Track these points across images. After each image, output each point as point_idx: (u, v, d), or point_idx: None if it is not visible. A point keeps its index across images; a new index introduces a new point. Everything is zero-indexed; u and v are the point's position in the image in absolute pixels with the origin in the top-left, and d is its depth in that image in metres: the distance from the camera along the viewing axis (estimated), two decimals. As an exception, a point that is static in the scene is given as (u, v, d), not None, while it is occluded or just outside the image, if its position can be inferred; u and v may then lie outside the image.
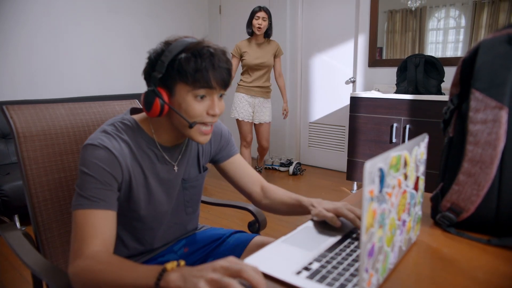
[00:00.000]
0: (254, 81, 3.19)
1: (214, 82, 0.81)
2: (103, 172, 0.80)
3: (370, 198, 0.48)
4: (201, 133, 0.87)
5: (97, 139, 0.82)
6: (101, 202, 0.79)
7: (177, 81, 0.81)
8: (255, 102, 3.25)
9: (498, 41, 0.65)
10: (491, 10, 2.95)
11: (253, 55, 3.14)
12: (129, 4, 3.89)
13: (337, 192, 3.34)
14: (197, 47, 0.81)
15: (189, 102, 0.81)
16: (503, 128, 0.64)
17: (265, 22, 3.06)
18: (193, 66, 0.78)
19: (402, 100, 2.83)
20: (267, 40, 3.21)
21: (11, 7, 3.04)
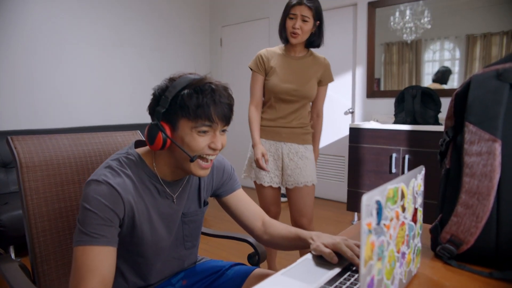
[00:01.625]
0: (280, 118, 1.90)
1: (215, 117, 0.83)
2: (104, 208, 0.80)
3: (368, 231, 0.48)
4: (200, 167, 0.88)
5: (101, 175, 0.84)
6: (102, 238, 0.79)
7: (179, 117, 0.83)
8: (284, 151, 1.91)
9: (487, 76, 0.67)
10: (484, 44, 3.04)
11: (283, 76, 1.86)
12: (133, 38, 4.00)
13: (338, 223, 3.31)
14: (199, 83, 0.83)
15: (192, 136, 0.84)
16: (497, 160, 0.65)
17: (307, 23, 1.78)
18: (195, 101, 0.81)
19: (400, 130, 2.86)
20: (311, 54, 1.93)
21: (17, 37, 3.13)
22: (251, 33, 4.52)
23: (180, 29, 4.52)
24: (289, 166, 1.91)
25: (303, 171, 1.90)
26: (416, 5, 3.31)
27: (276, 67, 1.87)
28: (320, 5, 1.82)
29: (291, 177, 1.90)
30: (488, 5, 3.00)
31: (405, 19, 3.39)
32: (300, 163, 1.91)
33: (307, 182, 1.91)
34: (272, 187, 1.93)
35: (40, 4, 3.24)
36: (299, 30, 1.79)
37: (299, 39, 1.82)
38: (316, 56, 1.94)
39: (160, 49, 4.28)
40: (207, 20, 4.91)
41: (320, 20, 1.84)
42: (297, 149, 1.92)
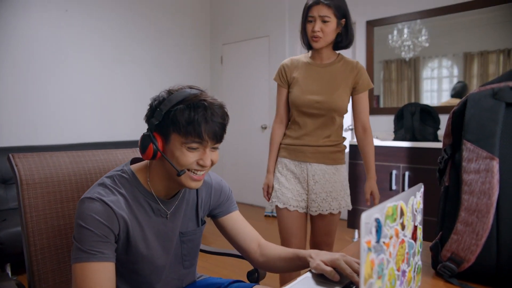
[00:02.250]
0: (304, 135, 1.66)
1: (205, 135, 0.83)
2: (99, 225, 0.81)
3: (367, 249, 0.48)
4: (191, 179, 0.88)
5: (94, 192, 0.84)
6: (99, 254, 0.80)
7: (171, 131, 0.84)
8: (309, 172, 1.66)
9: (483, 95, 0.68)
10: (481, 61, 3.08)
11: (305, 86, 1.64)
12: (135, 54, 4.06)
13: (338, 240, 3.28)
14: (194, 99, 0.84)
15: (181, 151, 0.84)
16: (495, 177, 0.65)
17: (328, 24, 1.57)
18: (186, 118, 0.81)
19: (400, 147, 2.86)
20: (341, 59, 1.70)
21: (19, 53, 3.17)
22: (251, 51, 4.58)
23: (181, 47, 4.58)
24: (314, 190, 1.65)
25: (329, 197, 1.65)
26: (414, 24, 3.37)
27: (299, 77, 1.66)
28: (342, 2, 1.61)
29: (315, 202, 1.65)
30: (484, 24, 3.05)
31: (403, 37, 3.44)
32: (327, 187, 1.65)
33: (333, 209, 1.65)
34: (298, 212, 1.66)
35: (42, 20, 3.30)
36: (319, 33, 1.57)
37: (322, 43, 1.60)
38: (346, 61, 1.69)
39: (161, 66, 4.33)
40: (208, 38, 4.99)
41: (346, 17, 1.62)
42: (324, 171, 1.65)
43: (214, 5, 4.93)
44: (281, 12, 4.26)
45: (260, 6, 4.43)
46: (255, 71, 4.53)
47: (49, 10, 3.33)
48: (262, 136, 4.47)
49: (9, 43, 3.10)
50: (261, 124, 4.50)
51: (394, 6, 3.44)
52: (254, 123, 4.54)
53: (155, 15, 4.25)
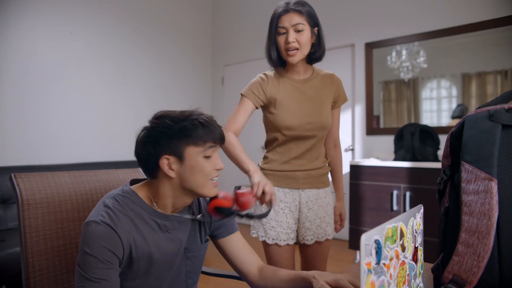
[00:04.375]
0: (294, 159, 1.50)
1: (217, 140, 0.93)
2: (104, 251, 0.82)
3: (367, 270, 0.48)
4: (213, 186, 0.95)
5: (99, 215, 0.85)
6: (104, 282, 0.81)
7: (184, 146, 0.89)
8: (302, 199, 1.51)
9: (480, 117, 0.69)
10: (479, 82, 3.12)
11: (292, 107, 1.46)
12: (136, 75, 4.11)
13: (339, 261, 3.24)
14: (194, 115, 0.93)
15: (201, 162, 0.91)
16: (494, 198, 0.65)
17: (302, 33, 1.39)
18: (199, 129, 0.90)
19: (400, 167, 2.86)
20: (318, 72, 1.55)
21: (21, 73, 3.21)
22: (251, 72, 4.59)
23: (182, 68, 4.65)
24: (308, 218, 1.50)
25: (323, 222, 1.52)
26: (412, 46, 3.43)
27: (282, 98, 1.45)
28: (312, 8, 1.44)
29: (310, 231, 1.51)
30: (481, 46, 3.11)
31: (401, 59, 3.49)
32: (320, 212, 1.51)
33: (329, 235, 1.53)
34: (288, 245, 1.49)
35: (47, 42, 3.36)
36: (295, 44, 1.37)
37: (299, 56, 1.40)
38: (323, 74, 1.54)
39: (163, 87, 4.38)
40: (209, 59, 5.07)
41: (318, 25, 1.44)
42: (317, 195, 1.52)
43: (215, 27, 5.03)
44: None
45: (260, 29, 4.51)
46: (256, 91, 4.57)
47: (54, 32, 3.40)
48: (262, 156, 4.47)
49: (13, 63, 3.15)
50: (261, 145, 4.51)
51: (392, 28, 3.51)
52: (254, 144, 4.56)
53: (157, 37, 4.33)
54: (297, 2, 1.39)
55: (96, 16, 3.73)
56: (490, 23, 2.98)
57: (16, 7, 3.15)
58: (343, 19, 3.83)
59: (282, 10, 1.39)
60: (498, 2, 2.98)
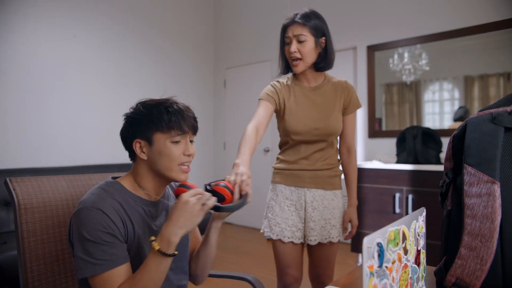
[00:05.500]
0: (302, 159, 1.56)
1: (185, 127, 0.97)
2: (102, 234, 0.85)
3: (370, 274, 0.48)
4: (182, 172, 0.98)
5: (89, 202, 0.88)
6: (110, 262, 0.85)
7: (153, 131, 0.95)
8: (307, 198, 1.56)
9: (482, 119, 0.69)
10: (481, 84, 3.11)
11: (300, 113, 1.54)
12: (138, 78, 4.12)
13: (342, 265, 3.23)
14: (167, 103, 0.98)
15: (167, 146, 0.95)
16: (497, 201, 0.65)
17: (305, 44, 1.45)
18: (166, 116, 0.95)
19: (403, 170, 2.86)
20: (329, 79, 1.60)
21: (21, 75, 3.23)
22: (253, 75, 4.65)
23: (185, 71, 4.66)
24: (312, 218, 1.54)
25: (328, 224, 1.54)
26: (414, 48, 3.42)
27: (292, 105, 1.54)
28: (322, 22, 1.49)
29: (314, 231, 1.54)
30: (483, 49, 3.10)
31: (403, 61, 3.49)
32: (326, 214, 1.54)
33: (333, 238, 1.55)
34: (293, 243, 1.55)
35: (47, 44, 3.37)
36: (297, 54, 1.46)
37: (302, 66, 1.49)
38: (335, 81, 1.58)
39: (165, 89, 4.37)
40: (211, 62, 5.08)
41: (326, 36, 1.49)
42: (323, 196, 1.55)
43: (217, 30, 5.05)
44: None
45: (262, 32, 4.53)
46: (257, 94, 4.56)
47: (57, 35, 3.42)
48: (264, 159, 4.48)
49: (16, 66, 3.17)
50: (263, 147, 4.52)
51: (394, 31, 3.51)
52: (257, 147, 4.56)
53: (159, 40, 4.34)
54: (304, 15, 1.47)
55: (99, 19, 3.75)
56: (492, 26, 2.97)
57: (19, 11, 3.16)
58: (345, 22, 3.84)
59: (289, 21, 1.49)
60: (500, 4, 2.98)
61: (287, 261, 1.56)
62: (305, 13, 1.47)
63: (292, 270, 1.57)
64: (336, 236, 1.56)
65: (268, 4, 4.50)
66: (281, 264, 1.58)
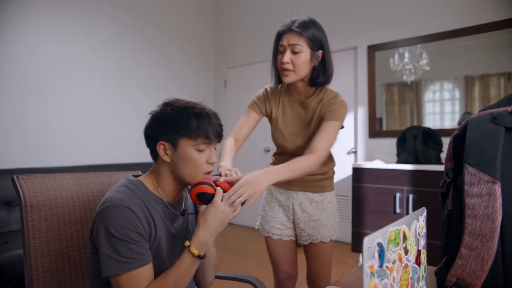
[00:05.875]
0: None
1: (212, 136, 0.96)
2: (130, 233, 0.85)
3: (370, 274, 0.48)
4: None
5: (117, 200, 0.88)
6: (139, 258, 0.85)
7: (180, 136, 0.94)
8: (294, 200, 1.57)
9: (483, 119, 0.69)
10: (482, 84, 3.11)
11: (284, 127, 1.51)
12: (139, 78, 4.12)
13: (343, 264, 3.22)
14: (196, 108, 0.97)
15: (192, 154, 0.94)
16: (498, 201, 0.65)
17: (299, 55, 1.35)
18: (194, 123, 0.93)
19: (403, 170, 2.85)
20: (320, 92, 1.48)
21: (23, 75, 3.23)
22: (254, 75, 4.65)
23: (185, 71, 4.66)
24: (301, 219, 1.55)
25: (319, 224, 1.53)
26: (414, 48, 3.42)
27: (278, 117, 1.51)
28: (319, 31, 1.38)
29: (304, 232, 1.55)
30: (483, 48, 3.10)
31: (404, 61, 3.49)
32: (315, 215, 1.54)
33: (324, 238, 1.53)
34: (282, 240, 1.58)
35: (48, 44, 3.37)
36: (289, 65, 1.35)
37: (293, 77, 1.38)
38: (325, 94, 1.46)
39: (165, 89, 4.39)
40: (212, 62, 5.08)
41: (323, 49, 1.39)
42: (311, 198, 1.55)
43: (218, 30, 5.05)
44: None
45: (263, 32, 4.53)
46: (258, 94, 4.58)
47: (58, 35, 3.42)
48: (265, 159, 4.48)
49: (16, 66, 3.17)
50: (264, 147, 4.52)
51: (394, 31, 3.51)
52: (256, 146, 4.55)
53: (160, 40, 4.35)
54: (302, 23, 1.35)
55: (99, 19, 3.75)
56: (492, 26, 2.97)
57: (20, 11, 3.17)
58: (345, 22, 3.83)
59: (285, 28, 1.37)
60: (501, 4, 2.98)
61: (278, 258, 1.61)
62: (304, 21, 1.36)
63: (284, 266, 1.60)
64: (327, 236, 1.55)
65: (268, 4, 4.50)
66: (274, 260, 1.63)
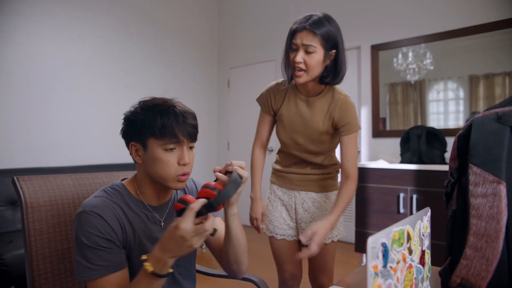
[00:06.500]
0: (294, 164, 1.56)
1: (180, 135, 0.89)
2: (99, 240, 0.84)
3: (374, 274, 0.48)
4: (178, 180, 0.92)
5: (89, 206, 0.87)
6: (106, 267, 0.83)
7: (147, 137, 0.89)
8: (297, 200, 1.56)
9: (488, 119, 0.68)
10: (487, 84, 3.09)
11: (287, 124, 1.50)
12: (143, 79, 4.14)
13: (346, 264, 3.22)
14: (163, 106, 0.90)
15: (161, 154, 0.89)
16: (503, 202, 0.64)
17: (312, 55, 1.32)
18: (159, 122, 0.87)
19: (407, 170, 2.84)
20: (327, 91, 1.46)
21: (28, 76, 3.24)
22: (257, 75, 4.65)
23: (189, 71, 4.67)
24: (303, 219, 1.54)
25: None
26: (418, 48, 3.41)
27: (282, 113, 1.49)
28: (335, 29, 1.36)
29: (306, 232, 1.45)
30: (488, 48, 3.08)
31: (408, 61, 3.47)
32: (317, 215, 1.51)
33: (325, 239, 1.47)
34: (286, 240, 1.56)
35: (52, 45, 3.39)
36: (302, 65, 1.32)
37: (305, 78, 1.34)
38: (333, 95, 1.44)
39: (169, 90, 4.39)
40: (215, 62, 5.08)
41: (337, 49, 1.36)
42: (314, 199, 1.53)
43: (221, 30, 5.05)
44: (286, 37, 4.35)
45: (266, 31, 4.53)
46: (262, 94, 4.59)
47: (62, 36, 3.43)
48: (268, 158, 4.47)
49: (20, 66, 3.18)
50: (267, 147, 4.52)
51: (398, 30, 3.49)
52: (260, 146, 4.56)
53: (163, 40, 4.35)
54: (316, 21, 1.31)
55: (103, 20, 3.76)
56: (497, 25, 2.95)
57: (23, 11, 3.18)
58: (349, 22, 3.82)
59: (298, 26, 1.33)
60: (506, 3, 2.96)
61: (282, 258, 1.59)
62: (318, 19, 1.32)
63: (288, 266, 1.59)
64: (329, 238, 1.52)
65: (271, 3, 4.49)
66: (278, 261, 1.61)
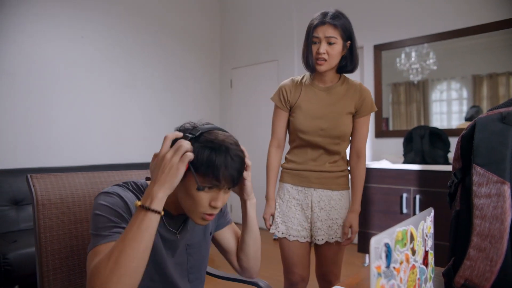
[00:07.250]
0: (310, 160, 1.59)
1: (223, 179, 0.81)
2: (113, 212, 0.83)
3: (377, 274, 0.48)
4: (202, 218, 0.87)
5: (110, 189, 0.88)
6: (117, 235, 0.81)
7: (189, 167, 0.81)
8: (313, 198, 1.58)
9: (491, 119, 0.68)
10: (490, 84, 3.08)
11: (309, 111, 1.57)
12: (146, 79, 4.15)
13: (349, 265, 3.21)
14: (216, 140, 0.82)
15: (194, 191, 0.82)
16: (507, 202, 0.64)
17: (334, 46, 1.48)
18: (206, 159, 0.80)
19: (410, 170, 2.84)
20: (344, 80, 1.62)
21: (34, 77, 3.26)
22: (260, 75, 4.65)
23: (191, 71, 4.67)
24: (319, 217, 1.56)
25: (335, 224, 1.55)
26: (421, 48, 3.40)
27: (301, 102, 1.57)
28: (349, 22, 1.53)
29: (321, 230, 1.55)
30: (491, 47, 3.07)
31: (410, 61, 3.46)
32: (332, 214, 1.56)
33: (340, 237, 1.56)
34: (299, 241, 1.58)
35: (55, 45, 3.40)
36: (325, 55, 1.48)
37: (327, 66, 1.51)
38: (349, 82, 1.60)
39: (171, 90, 4.40)
40: (217, 62, 5.09)
41: (351, 39, 1.54)
42: (330, 197, 1.57)
43: (224, 30, 5.06)
44: (289, 37, 4.35)
45: (269, 31, 4.53)
46: (264, 94, 4.58)
47: (65, 36, 3.45)
48: (271, 158, 4.47)
49: (24, 67, 3.20)
50: (272, 146, 4.52)
51: (401, 30, 3.48)
52: (263, 146, 4.54)
53: (166, 40, 4.36)
54: (333, 15, 1.49)
55: (106, 20, 3.77)
56: (500, 24, 2.94)
57: (26, 11, 3.20)
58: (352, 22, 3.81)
59: (319, 21, 1.49)
60: (510, 2, 2.95)
61: (293, 260, 1.58)
62: (335, 13, 1.50)
63: (298, 269, 1.58)
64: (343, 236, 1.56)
65: (274, 4, 4.49)
66: (287, 263, 1.60)
